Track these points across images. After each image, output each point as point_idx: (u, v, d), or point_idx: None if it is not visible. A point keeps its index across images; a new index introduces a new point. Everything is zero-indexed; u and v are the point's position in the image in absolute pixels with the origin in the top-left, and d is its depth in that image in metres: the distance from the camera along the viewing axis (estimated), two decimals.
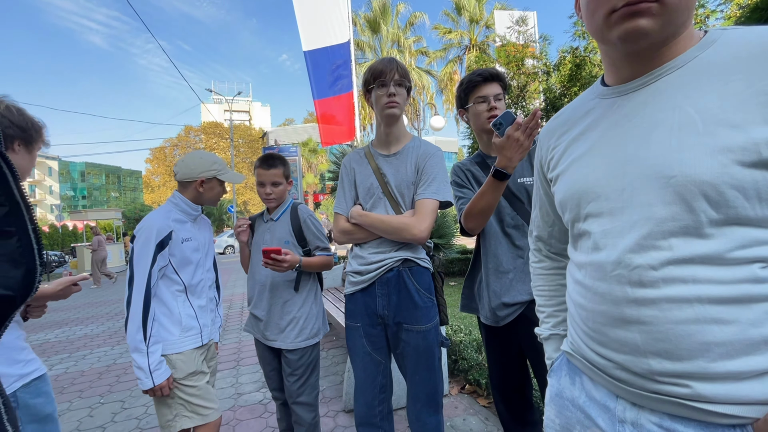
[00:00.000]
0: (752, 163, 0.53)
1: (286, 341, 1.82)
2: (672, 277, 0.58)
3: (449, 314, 4.38)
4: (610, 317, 0.65)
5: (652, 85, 0.65)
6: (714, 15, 5.03)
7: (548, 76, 5.93)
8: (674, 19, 0.60)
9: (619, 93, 0.70)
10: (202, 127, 46.50)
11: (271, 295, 1.85)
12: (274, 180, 1.88)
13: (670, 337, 0.57)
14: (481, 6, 20.39)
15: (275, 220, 1.92)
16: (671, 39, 0.63)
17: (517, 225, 1.55)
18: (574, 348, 0.78)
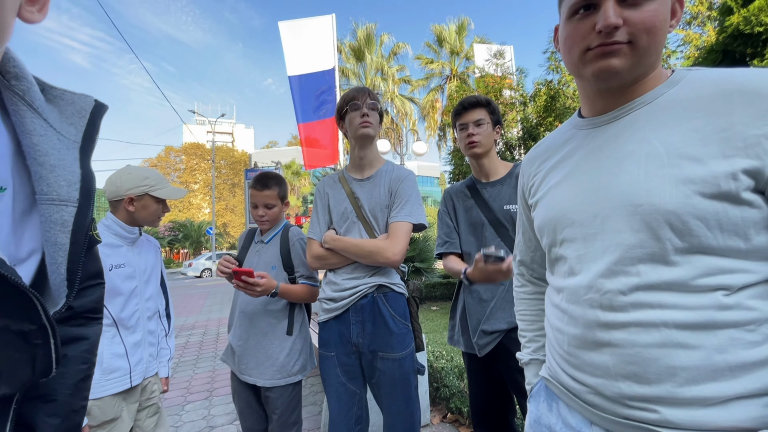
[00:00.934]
0: (712, 194, 0.57)
1: (264, 378, 1.65)
2: (640, 302, 0.60)
3: (431, 340, 4.34)
4: (584, 340, 0.66)
5: (623, 118, 0.69)
6: (675, 55, 5.43)
7: (525, 106, 6.20)
8: (643, 60, 0.65)
9: (594, 125, 0.74)
10: (183, 147, 45.99)
11: (251, 324, 1.69)
12: (267, 202, 1.76)
13: (639, 360, 0.59)
14: (461, 39, 21.36)
15: (266, 243, 1.80)
16: (641, 77, 0.67)
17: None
18: (551, 373, 0.79)
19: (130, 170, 1.57)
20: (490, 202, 1.59)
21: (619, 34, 0.62)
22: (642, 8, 0.62)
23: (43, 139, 0.48)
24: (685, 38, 9.05)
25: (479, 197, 1.62)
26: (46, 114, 0.50)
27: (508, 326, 1.48)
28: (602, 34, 0.63)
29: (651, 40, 0.63)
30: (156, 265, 1.66)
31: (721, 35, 4.64)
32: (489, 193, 1.61)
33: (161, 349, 1.68)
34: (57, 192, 0.48)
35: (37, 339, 0.47)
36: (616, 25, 0.61)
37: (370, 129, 1.50)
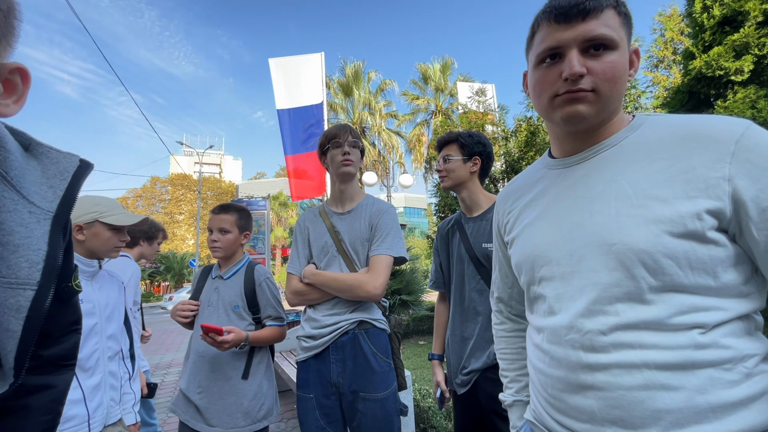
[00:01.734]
0: (680, 233, 0.58)
1: (227, 426, 1.53)
2: (620, 342, 0.60)
3: (418, 377, 4.20)
4: (567, 383, 0.65)
5: (591, 159, 0.72)
6: (644, 95, 5.77)
7: (507, 141, 6.42)
8: (607, 106, 0.68)
9: (564, 165, 0.77)
10: (169, 178, 45.69)
11: (212, 368, 1.57)
12: (221, 226, 1.66)
13: (623, 404, 0.58)
14: (446, 77, 22.34)
15: (225, 279, 1.68)
16: (606, 121, 0.71)
17: (481, 290, 1.55)
18: (537, 416, 0.76)
19: (81, 199, 1.51)
20: (470, 239, 1.60)
21: (583, 82, 0.66)
22: (602, 59, 0.66)
23: (11, 215, 0.46)
24: (653, 80, 9.66)
25: (463, 232, 1.63)
26: (21, 184, 0.48)
27: (483, 366, 1.47)
28: (568, 81, 0.67)
29: (612, 88, 0.67)
30: (119, 302, 1.53)
31: (686, 78, 4.97)
32: (471, 229, 1.62)
33: (125, 393, 1.54)
34: (16, 274, 0.46)
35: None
36: (581, 73, 0.65)
37: (351, 167, 1.52)
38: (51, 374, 0.65)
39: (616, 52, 0.66)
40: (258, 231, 8.42)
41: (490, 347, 1.46)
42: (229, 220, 1.68)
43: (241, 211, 1.73)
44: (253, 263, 1.75)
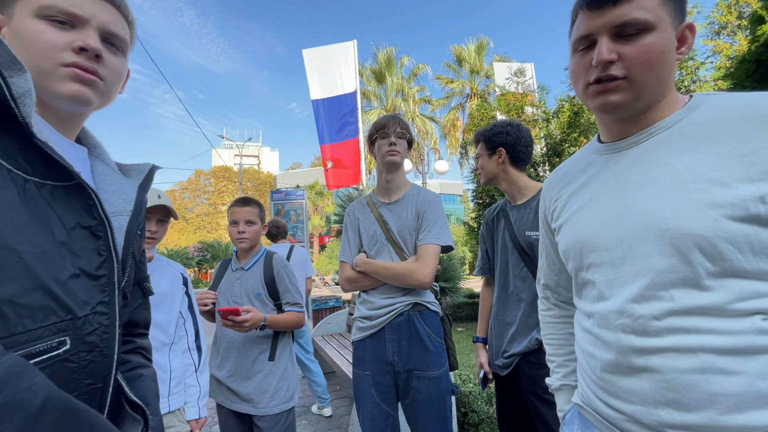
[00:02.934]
0: (741, 218, 0.56)
1: (258, 406, 1.64)
2: (675, 327, 0.59)
3: (459, 362, 4.23)
4: (618, 366, 0.66)
5: (643, 143, 0.70)
6: (704, 66, 5.28)
7: (548, 122, 6.14)
8: (645, 92, 0.66)
9: (614, 150, 0.75)
10: (212, 171, 47.86)
11: (240, 353, 1.68)
12: (248, 218, 1.75)
13: (678, 386, 0.58)
14: (481, 58, 21.55)
15: (246, 270, 1.77)
16: (651, 106, 0.69)
17: (524, 277, 1.57)
18: (585, 400, 0.77)
19: None
20: (514, 227, 1.61)
21: (614, 68, 0.65)
22: (636, 43, 0.64)
23: (108, 177, 0.70)
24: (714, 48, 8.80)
25: (508, 220, 1.65)
26: (114, 167, 0.73)
27: (525, 350, 1.50)
28: (598, 68, 0.66)
29: (647, 73, 0.65)
30: (170, 291, 1.51)
31: (753, 45, 4.49)
32: (515, 217, 1.64)
33: (189, 386, 1.53)
34: (116, 207, 0.66)
35: (99, 232, 0.59)
36: (610, 60, 0.64)
37: (396, 157, 1.56)
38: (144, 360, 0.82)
39: (653, 33, 0.64)
40: (297, 220, 8.68)
41: (532, 333, 1.49)
42: (254, 212, 1.77)
43: (260, 204, 1.83)
44: (271, 253, 1.83)
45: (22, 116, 0.50)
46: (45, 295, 0.49)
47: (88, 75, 0.60)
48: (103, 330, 0.56)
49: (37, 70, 0.56)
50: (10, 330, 0.46)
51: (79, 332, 0.53)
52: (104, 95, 0.65)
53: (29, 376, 0.41)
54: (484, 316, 1.80)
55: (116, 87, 0.68)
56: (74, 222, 0.56)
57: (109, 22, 0.63)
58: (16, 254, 0.47)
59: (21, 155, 0.52)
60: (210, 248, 33.86)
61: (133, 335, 0.81)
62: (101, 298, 0.57)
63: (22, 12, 0.57)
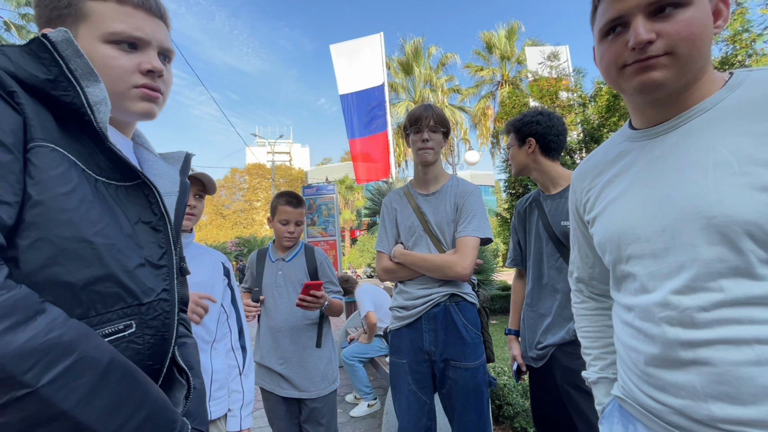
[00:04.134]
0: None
1: (311, 390, 1.72)
2: (726, 318, 0.57)
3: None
4: (665, 360, 0.63)
5: (681, 127, 0.66)
6: (761, 38, 4.82)
7: (584, 107, 5.86)
8: (687, 68, 0.62)
9: (649, 136, 0.71)
10: (246, 168, 49.50)
11: (291, 340, 1.75)
12: (299, 219, 1.83)
13: (731, 379, 0.55)
14: (512, 43, 20.83)
15: (287, 261, 1.85)
16: (691, 84, 0.65)
17: (560, 267, 1.54)
18: (626, 393, 0.75)
19: None
20: (549, 217, 1.58)
21: (654, 47, 0.62)
22: (675, 19, 0.61)
23: (155, 163, 0.76)
24: None
25: (542, 210, 1.62)
26: (156, 154, 0.79)
27: (561, 341, 1.48)
28: (636, 50, 0.63)
29: (691, 48, 0.61)
30: (211, 283, 1.35)
31: None
32: (549, 207, 1.60)
33: (232, 392, 1.33)
34: (165, 188, 0.71)
35: (159, 226, 0.64)
36: (649, 40, 0.61)
37: (429, 155, 1.55)
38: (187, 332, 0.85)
39: (691, 7, 0.60)
40: (328, 214, 8.83)
41: (568, 324, 1.46)
42: (303, 213, 1.85)
43: (305, 203, 1.90)
44: (310, 246, 1.93)
45: (97, 122, 0.56)
46: (114, 283, 0.54)
47: (155, 93, 0.67)
48: (165, 316, 0.61)
49: (112, 92, 0.62)
50: (83, 314, 0.51)
51: (144, 317, 0.58)
52: (162, 107, 0.72)
53: (95, 339, 0.47)
54: (516, 308, 1.78)
55: (168, 97, 0.74)
56: (136, 217, 0.61)
57: (164, 40, 0.69)
58: (90, 246, 0.51)
59: (92, 157, 0.57)
60: (246, 243, 35.19)
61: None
62: (164, 286, 0.62)
63: (89, 36, 0.62)
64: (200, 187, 1.40)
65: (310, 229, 8.76)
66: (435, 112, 1.55)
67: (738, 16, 4.77)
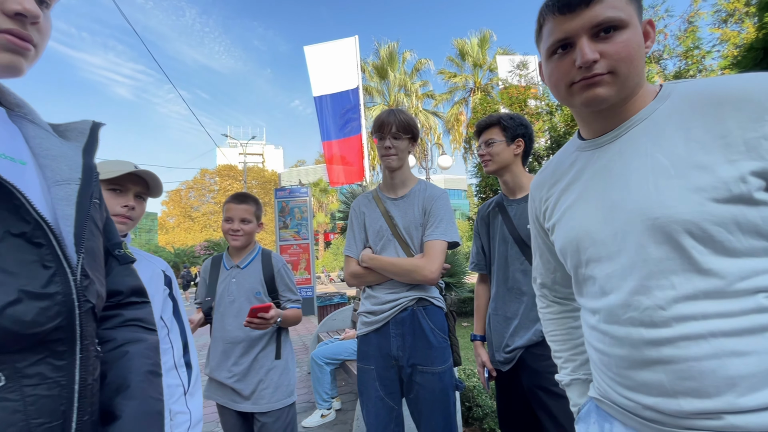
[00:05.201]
0: (725, 199, 0.58)
1: (261, 402, 1.64)
2: (682, 315, 0.60)
3: (463, 357, 4.23)
4: (632, 360, 0.65)
5: (622, 137, 0.72)
6: (710, 55, 5.18)
7: (551, 115, 6.08)
8: (626, 85, 0.68)
9: (595, 146, 0.76)
10: (217, 169, 48.09)
11: (245, 352, 1.67)
12: (243, 216, 1.71)
13: (695, 374, 0.58)
14: (484, 51, 21.37)
15: (242, 268, 1.74)
16: (630, 97, 0.70)
17: (525, 270, 1.56)
18: (602, 393, 0.77)
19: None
20: (514, 220, 1.60)
21: (598, 66, 0.66)
22: (614, 40, 0.66)
23: (45, 141, 0.59)
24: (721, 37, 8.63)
25: (506, 214, 1.64)
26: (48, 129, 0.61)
27: (528, 343, 1.50)
28: (582, 69, 0.67)
29: (629, 67, 0.66)
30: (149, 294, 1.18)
31: (761, 32, 4.40)
32: (514, 211, 1.62)
33: (176, 414, 1.19)
34: (60, 175, 0.56)
35: (37, 238, 0.48)
36: (594, 59, 0.66)
37: (392, 161, 1.55)
38: (138, 332, 0.71)
39: (627, 30, 0.66)
40: (301, 217, 8.72)
41: (535, 326, 1.49)
42: (250, 210, 1.72)
43: (257, 201, 1.79)
44: (267, 251, 1.82)
45: None
46: None
47: (24, 43, 0.53)
48: (57, 357, 0.46)
49: None
50: None
51: (21, 364, 0.44)
52: (33, 62, 0.57)
53: None
54: (480, 314, 1.78)
55: (43, 50, 0.58)
56: (1, 230, 0.45)
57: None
58: None
59: None
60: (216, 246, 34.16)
61: (120, 306, 0.71)
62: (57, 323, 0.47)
63: None
64: (143, 187, 1.22)
65: (283, 232, 8.63)
66: (398, 118, 1.53)
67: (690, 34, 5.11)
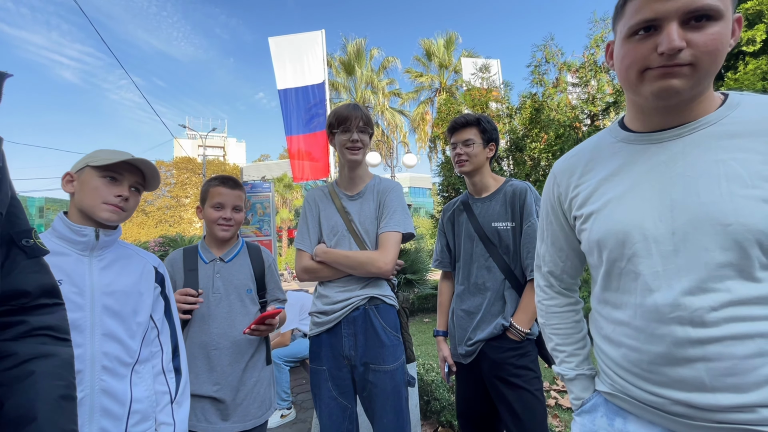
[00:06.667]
0: None
1: (246, 419, 1.44)
2: (733, 317, 0.62)
3: (423, 352, 4.32)
4: (672, 357, 0.66)
5: (686, 137, 0.70)
6: None
7: (511, 118, 6.31)
8: (704, 80, 0.66)
9: (651, 141, 0.74)
10: (174, 162, 45.69)
11: (232, 359, 1.45)
12: (236, 203, 1.52)
13: (738, 372, 0.61)
14: (450, 53, 21.77)
15: (226, 261, 1.54)
16: (699, 96, 0.69)
17: (489, 267, 1.60)
18: (617, 388, 0.77)
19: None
20: (479, 218, 1.65)
21: (681, 55, 0.63)
22: (706, 31, 0.62)
23: None
24: None
25: (471, 212, 1.68)
26: None
27: (489, 336, 1.55)
28: (664, 56, 0.63)
29: (713, 63, 0.64)
30: (138, 291, 1.12)
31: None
32: (479, 209, 1.67)
33: (160, 425, 1.11)
34: None
35: None
36: (681, 48, 0.62)
37: (359, 156, 1.52)
38: (47, 345, 0.62)
39: (721, 22, 0.62)
40: (263, 213, 8.48)
41: (496, 320, 1.54)
42: (242, 197, 1.54)
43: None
44: (254, 245, 1.65)
45: None
46: None
47: None
48: None
49: None
50: None
51: None
52: None
53: None
54: (443, 310, 1.82)
55: None
56: None
57: None
58: None
59: None
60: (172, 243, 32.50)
61: (25, 310, 0.61)
62: None
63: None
64: (139, 178, 1.16)
65: (244, 228, 8.36)
66: (363, 112, 1.53)
67: None
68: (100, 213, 1.07)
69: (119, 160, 1.09)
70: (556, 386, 3.30)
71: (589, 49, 5.82)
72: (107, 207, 1.08)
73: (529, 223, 1.55)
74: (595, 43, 5.69)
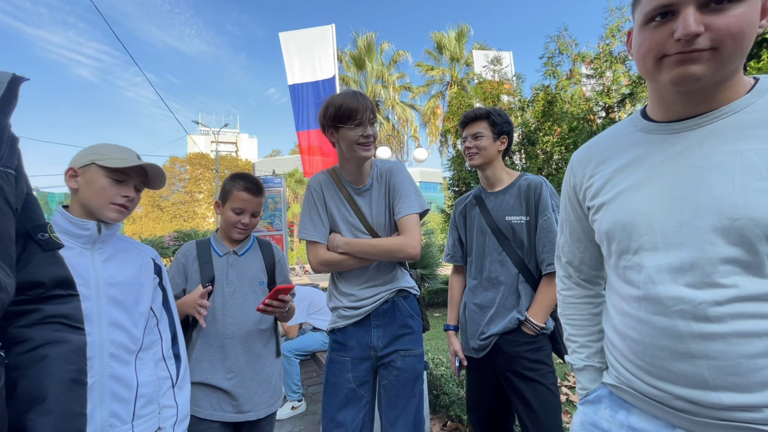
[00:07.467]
0: None
1: (259, 407, 1.49)
2: (739, 313, 0.59)
3: (432, 347, 4.33)
4: (673, 352, 0.64)
5: (707, 126, 0.66)
6: None
7: (523, 111, 6.21)
8: (726, 66, 0.61)
9: (670, 130, 0.71)
10: (187, 158, 46.38)
11: (245, 349, 1.50)
12: (256, 210, 1.59)
13: (742, 371, 0.58)
14: (461, 45, 21.49)
15: (239, 255, 1.60)
16: (725, 82, 0.64)
17: (502, 261, 1.59)
18: (622, 381, 0.76)
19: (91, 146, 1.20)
20: (492, 212, 1.63)
21: (700, 41, 0.59)
22: (727, 13, 0.58)
23: None
24: None
25: (484, 206, 1.67)
26: None
27: (504, 329, 1.54)
28: (681, 42, 0.61)
29: (737, 46, 0.59)
30: (138, 283, 1.18)
31: None
32: (492, 203, 1.65)
33: (164, 407, 1.18)
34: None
35: None
36: (697, 33, 0.59)
37: (372, 151, 1.43)
38: (61, 332, 0.65)
39: (746, 2, 0.58)
40: (275, 208, 8.56)
41: (511, 314, 1.53)
42: (262, 203, 1.61)
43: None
44: (265, 240, 1.72)
45: None
46: None
47: None
48: None
49: None
50: None
51: None
52: None
53: None
54: (454, 304, 1.81)
55: None
56: None
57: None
58: None
59: None
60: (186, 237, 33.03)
61: (40, 300, 0.64)
62: None
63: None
64: (143, 178, 1.20)
65: None
66: (369, 101, 1.43)
67: None
68: (108, 213, 1.11)
69: (132, 165, 1.13)
70: (567, 382, 3.27)
71: (605, 39, 5.66)
72: (114, 207, 1.12)
73: (545, 217, 1.53)
74: (611, 32, 5.54)
